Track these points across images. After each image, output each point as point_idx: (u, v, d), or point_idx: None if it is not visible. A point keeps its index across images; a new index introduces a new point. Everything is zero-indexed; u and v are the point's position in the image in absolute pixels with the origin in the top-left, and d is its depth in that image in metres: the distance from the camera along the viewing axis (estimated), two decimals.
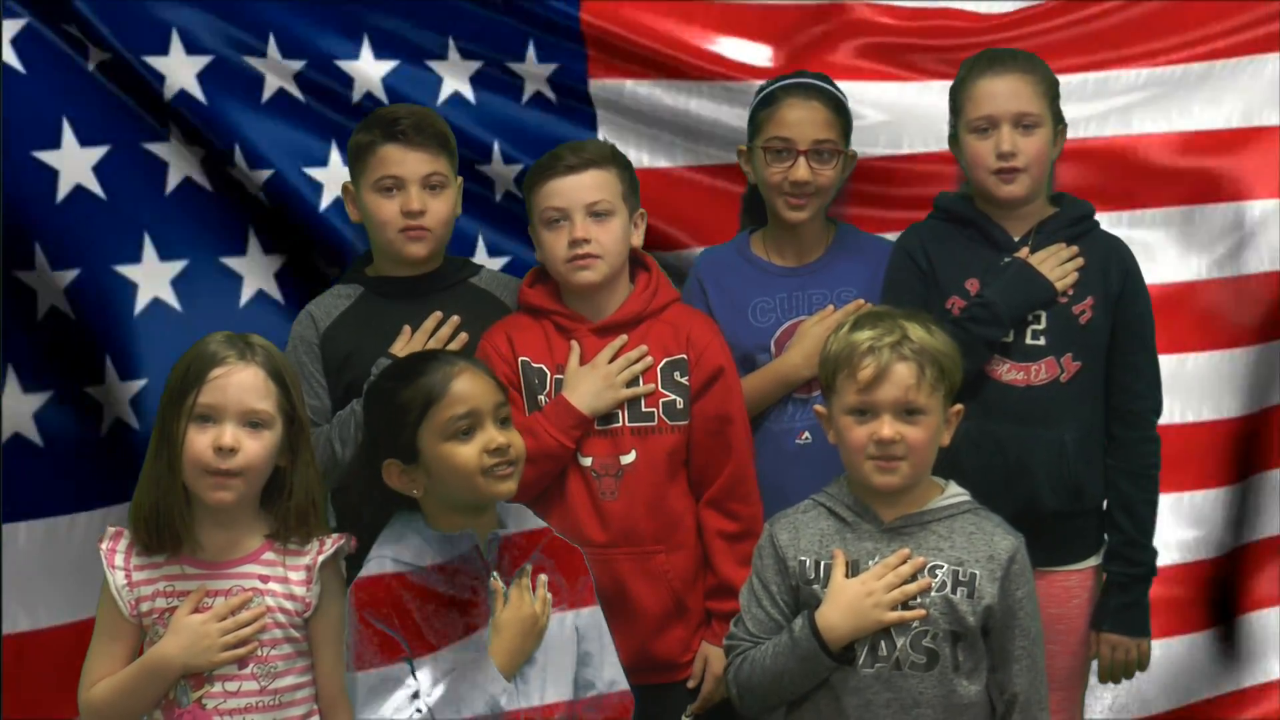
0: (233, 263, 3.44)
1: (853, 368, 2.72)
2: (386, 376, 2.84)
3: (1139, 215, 3.70)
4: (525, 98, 3.74)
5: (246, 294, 3.44)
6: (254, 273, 3.46)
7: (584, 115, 3.76)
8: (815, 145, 3.31)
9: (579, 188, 3.15)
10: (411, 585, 2.66)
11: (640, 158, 3.70)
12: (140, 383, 3.26)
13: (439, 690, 2.61)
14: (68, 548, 3.26)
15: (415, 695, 2.61)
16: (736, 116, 3.60)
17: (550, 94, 3.74)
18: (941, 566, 2.71)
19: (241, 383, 2.66)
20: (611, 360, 3.15)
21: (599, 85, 3.73)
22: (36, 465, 3.22)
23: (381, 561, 2.68)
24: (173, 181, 3.39)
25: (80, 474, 3.27)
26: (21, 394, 3.20)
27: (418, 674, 2.62)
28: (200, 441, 2.63)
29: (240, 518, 2.71)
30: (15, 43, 3.20)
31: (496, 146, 3.66)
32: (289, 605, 2.71)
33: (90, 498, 3.27)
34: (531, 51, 3.71)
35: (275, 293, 3.47)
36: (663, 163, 3.77)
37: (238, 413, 2.65)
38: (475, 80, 3.69)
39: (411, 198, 3.18)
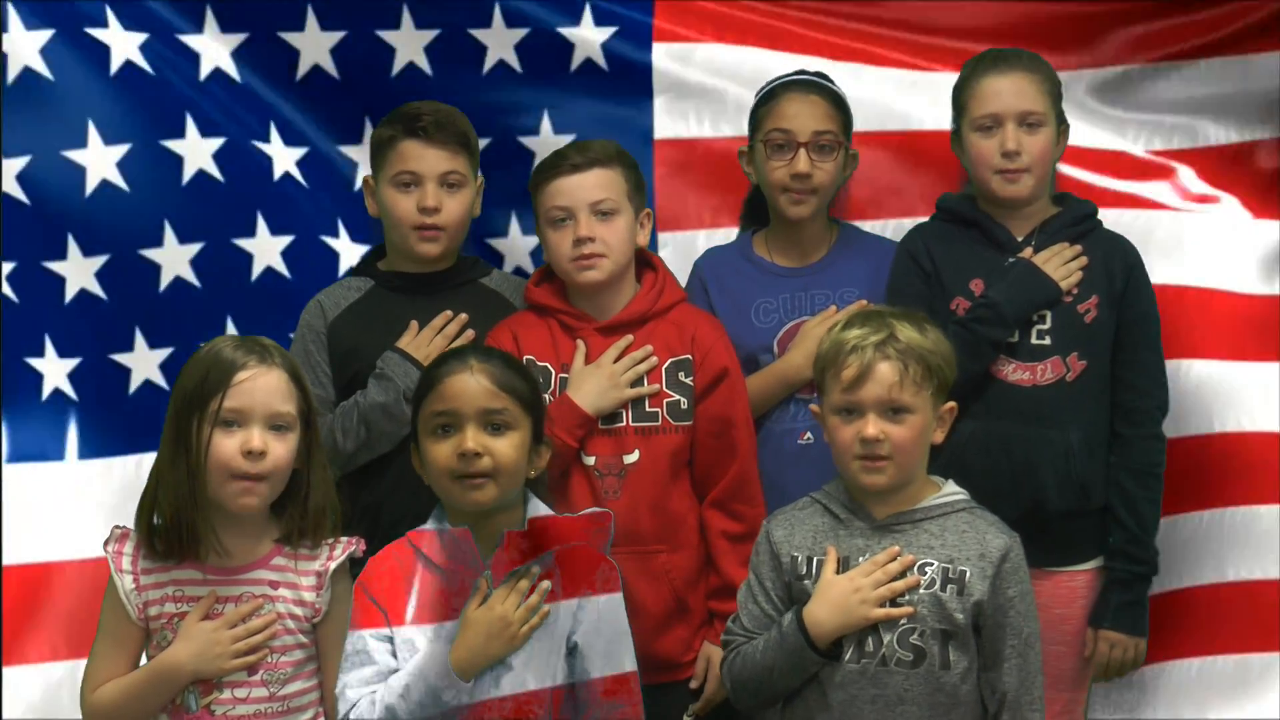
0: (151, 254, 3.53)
1: (837, 367, 2.77)
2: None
3: None
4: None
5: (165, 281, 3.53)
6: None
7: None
8: (815, 137, 3.35)
9: (583, 187, 3.19)
10: (415, 566, 2.71)
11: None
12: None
13: (396, 676, 2.65)
14: None
15: (379, 676, 2.65)
16: None
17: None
18: (931, 564, 2.76)
19: (267, 386, 2.70)
20: (616, 360, 3.18)
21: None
22: None
23: (396, 549, 2.75)
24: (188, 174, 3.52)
25: None
26: None
27: (395, 655, 2.67)
28: (227, 446, 2.67)
29: (253, 523, 2.76)
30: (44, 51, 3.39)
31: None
32: (298, 611, 2.76)
33: None
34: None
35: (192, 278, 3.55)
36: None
37: (264, 416, 2.69)
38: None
39: (428, 194, 3.25)
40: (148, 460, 2.95)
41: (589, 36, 3.63)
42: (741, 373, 3.26)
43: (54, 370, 3.40)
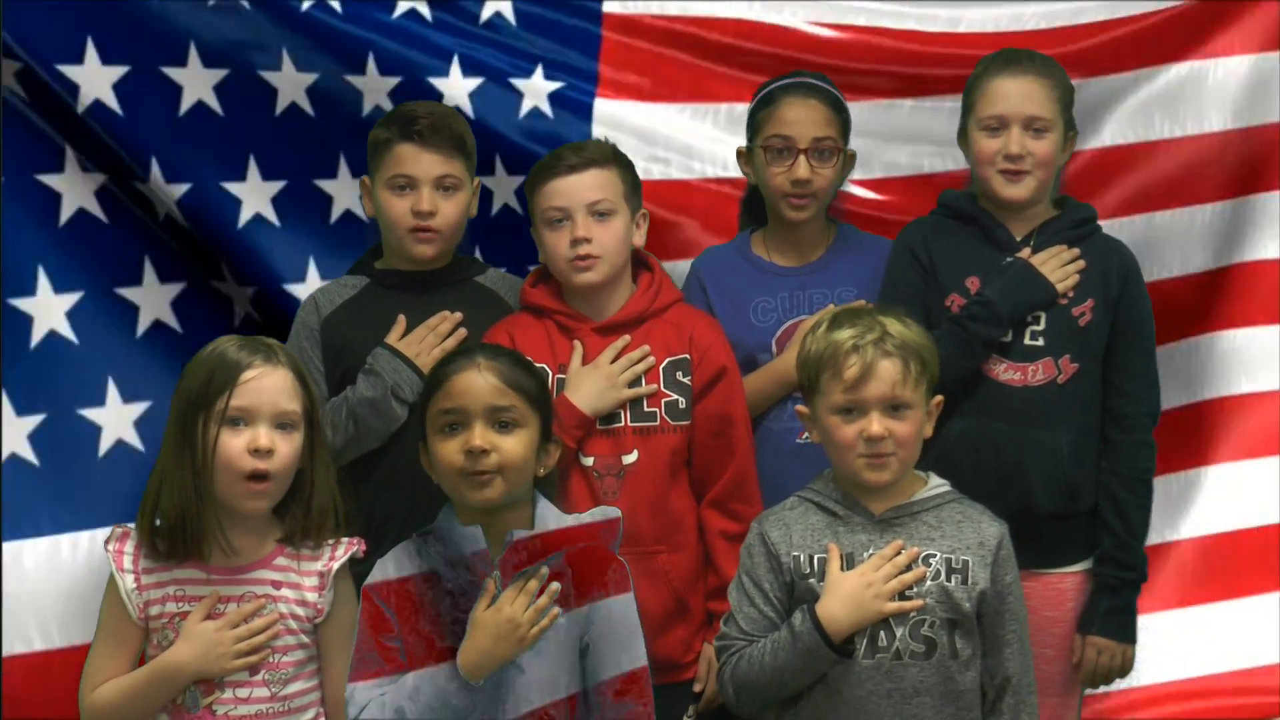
0: (128, 293, 3.48)
1: (838, 367, 2.79)
2: None
3: None
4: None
5: (144, 324, 3.49)
6: (151, 302, 3.50)
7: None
8: (815, 143, 3.37)
9: (580, 187, 3.21)
10: (423, 566, 2.69)
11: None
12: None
13: (406, 678, 2.65)
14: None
15: (388, 679, 2.65)
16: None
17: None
18: (935, 555, 2.80)
19: (274, 385, 2.72)
20: (614, 360, 3.20)
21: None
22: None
23: (403, 551, 2.72)
24: (66, 213, 3.43)
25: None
26: None
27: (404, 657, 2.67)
28: (235, 444, 2.68)
29: (256, 522, 2.77)
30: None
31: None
32: (300, 611, 2.77)
33: None
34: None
35: (173, 321, 3.51)
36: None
37: (271, 414, 2.71)
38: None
39: (423, 198, 3.26)
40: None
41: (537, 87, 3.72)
42: (739, 372, 3.28)
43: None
